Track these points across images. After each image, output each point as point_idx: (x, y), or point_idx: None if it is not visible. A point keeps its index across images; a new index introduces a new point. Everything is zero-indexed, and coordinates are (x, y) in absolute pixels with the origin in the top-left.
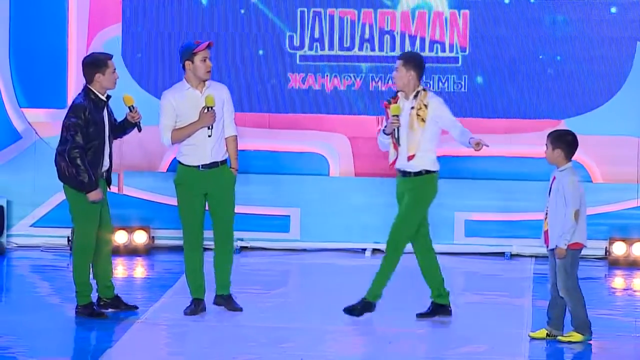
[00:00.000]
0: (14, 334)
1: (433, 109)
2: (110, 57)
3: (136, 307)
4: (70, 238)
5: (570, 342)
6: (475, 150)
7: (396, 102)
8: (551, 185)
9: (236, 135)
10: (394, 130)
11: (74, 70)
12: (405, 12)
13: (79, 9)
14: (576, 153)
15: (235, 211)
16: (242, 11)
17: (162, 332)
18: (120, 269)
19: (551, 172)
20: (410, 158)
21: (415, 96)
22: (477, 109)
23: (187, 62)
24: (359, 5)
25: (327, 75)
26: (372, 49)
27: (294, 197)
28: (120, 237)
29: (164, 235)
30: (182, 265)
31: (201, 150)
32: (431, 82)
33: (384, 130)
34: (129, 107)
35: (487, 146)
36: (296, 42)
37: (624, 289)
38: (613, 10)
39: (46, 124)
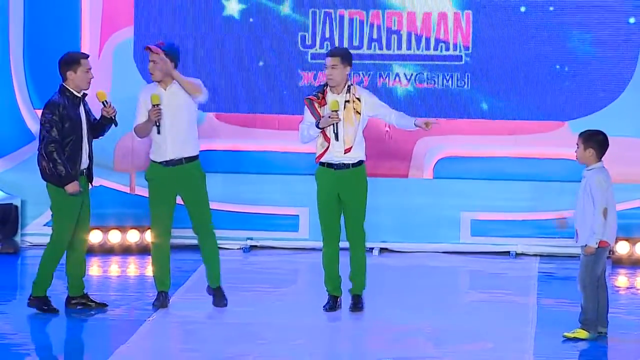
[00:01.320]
0: (28, 331)
1: (365, 101)
2: (84, 56)
3: (106, 305)
4: None
5: (575, 339)
6: (426, 129)
7: (324, 98)
8: (581, 186)
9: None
10: (333, 125)
11: None
12: (411, 13)
13: (92, 12)
14: None
15: (244, 210)
16: (251, 19)
17: (174, 330)
18: (132, 267)
19: (554, 171)
20: (347, 151)
21: (348, 90)
22: (482, 110)
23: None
24: (368, 6)
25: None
26: (380, 48)
27: (302, 197)
28: (132, 236)
29: (174, 234)
30: (194, 263)
31: (161, 148)
32: (436, 80)
33: (316, 124)
34: (103, 103)
35: (436, 122)
36: (308, 41)
37: (628, 288)
38: (632, 20)
39: None
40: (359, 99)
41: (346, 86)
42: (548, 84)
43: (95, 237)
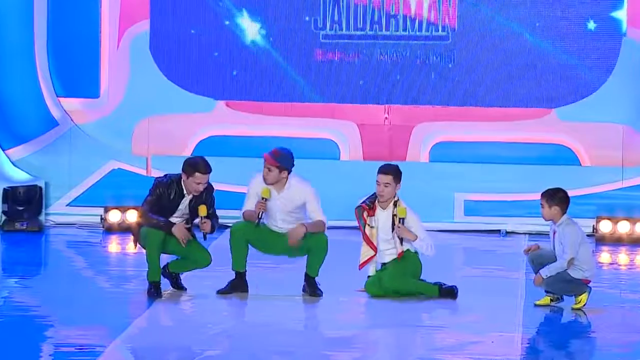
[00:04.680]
0: (51, 304)
1: (407, 219)
2: (203, 171)
3: (185, 289)
4: (102, 216)
5: (582, 307)
6: None
7: (374, 210)
8: (553, 238)
9: (322, 221)
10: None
11: (106, 62)
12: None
13: (111, 5)
14: (567, 138)
15: None
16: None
17: (186, 304)
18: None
19: (542, 155)
20: (399, 255)
21: (395, 205)
22: (474, 98)
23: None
24: None
25: (344, 50)
26: (380, 29)
27: (308, 179)
28: None
29: None
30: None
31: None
32: (427, 56)
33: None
34: (200, 217)
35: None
36: (320, 24)
37: (610, 264)
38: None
39: (81, 111)
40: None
41: (392, 202)
42: (536, 72)
43: (114, 216)
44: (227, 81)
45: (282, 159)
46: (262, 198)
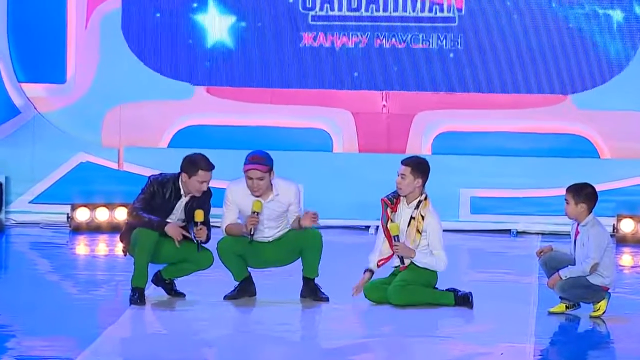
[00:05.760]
0: (13, 312)
1: (427, 223)
2: (206, 168)
3: (183, 295)
4: (69, 215)
5: (601, 315)
6: None
7: (398, 204)
8: (575, 238)
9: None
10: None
11: (73, 44)
12: None
13: None
14: (584, 128)
15: None
16: None
17: (166, 311)
18: (120, 246)
19: (557, 147)
20: (402, 268)
21: (417, 205)
22: (481, 84)
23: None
24: None
25: (336, 34)
26: (377, 10)
27: (297, 174)
28: (120, 214)
29: None
30: None
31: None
32: (430, 41)
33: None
34: (196, 223)
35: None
36: (308, 4)
37: (632, 267)
38: None
39: (45, 98)
40: (423, 217)
41: (417, 200)
42: (549, 56)
43: (82, 215)
44: (207, 65)
45: (268, 160)
46: (254, 212)
